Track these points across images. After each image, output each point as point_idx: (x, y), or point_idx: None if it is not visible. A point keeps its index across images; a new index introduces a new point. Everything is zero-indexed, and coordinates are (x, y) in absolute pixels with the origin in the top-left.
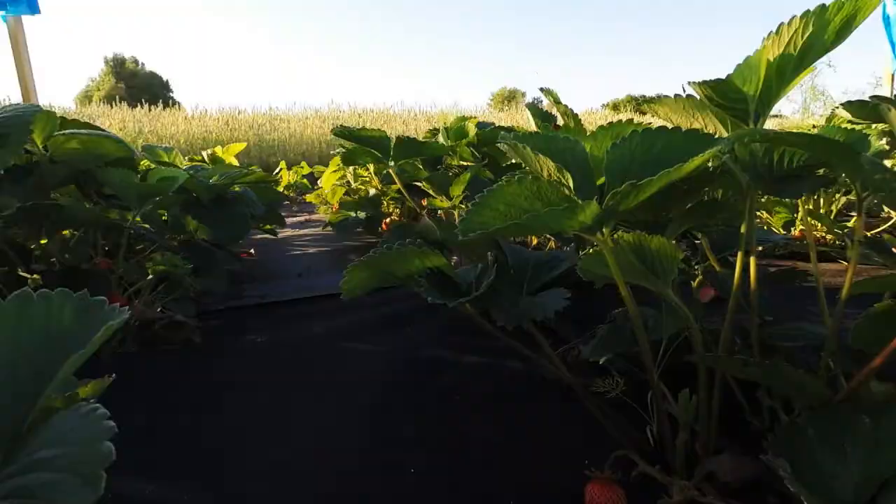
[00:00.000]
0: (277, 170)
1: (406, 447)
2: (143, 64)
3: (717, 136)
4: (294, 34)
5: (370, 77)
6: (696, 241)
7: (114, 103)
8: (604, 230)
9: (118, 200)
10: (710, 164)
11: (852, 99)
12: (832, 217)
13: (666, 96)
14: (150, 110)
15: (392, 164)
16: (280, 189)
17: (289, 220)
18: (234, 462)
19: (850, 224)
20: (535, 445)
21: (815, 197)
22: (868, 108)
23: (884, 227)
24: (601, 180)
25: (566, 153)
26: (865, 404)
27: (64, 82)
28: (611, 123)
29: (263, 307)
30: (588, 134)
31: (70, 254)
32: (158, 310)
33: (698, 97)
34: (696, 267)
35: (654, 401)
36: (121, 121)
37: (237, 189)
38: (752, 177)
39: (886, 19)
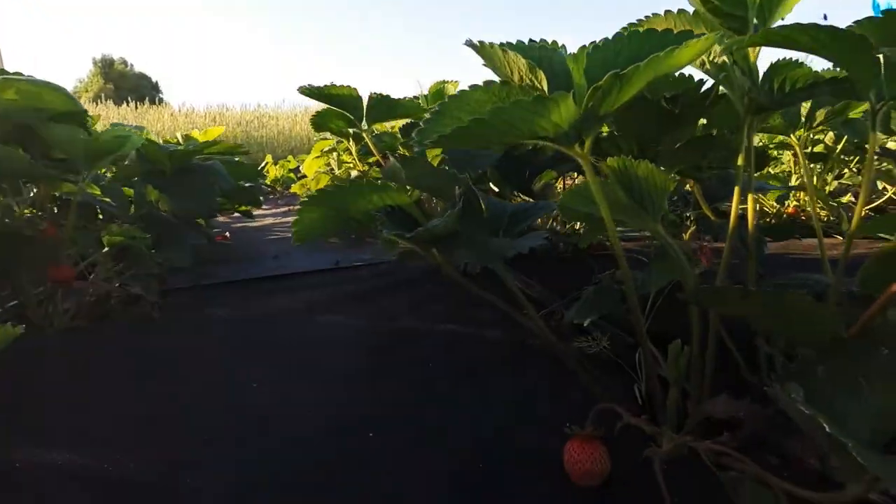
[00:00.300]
0: (263, 163)
1: (371, 413)
2: (132, 65)
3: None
4: (294, 34)
5: (370, 77)
6: (688, 195)
7: (99, 101)
8: (584, 142)
9: (68, 164)
10: (703, 88)
11: None
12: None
13: (658, 13)
14: (136, 108)
15: (365, 126)
16: (267, 183)
17: (272, 211)
18: (170, 428)
19: (843, 200)
20: (512, 410)
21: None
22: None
23: (879, 201)
24: (581, 82)
25: (541, 52)
26: (881, 337)
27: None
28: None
29: (233, 285)
30: None
31: (8, 216)
32: (117, 285)
33: (692, 11)
34: (688, 217)
35: (642, 359)
36: (105, 118)
37: (204, 161)
38: (749, 100)
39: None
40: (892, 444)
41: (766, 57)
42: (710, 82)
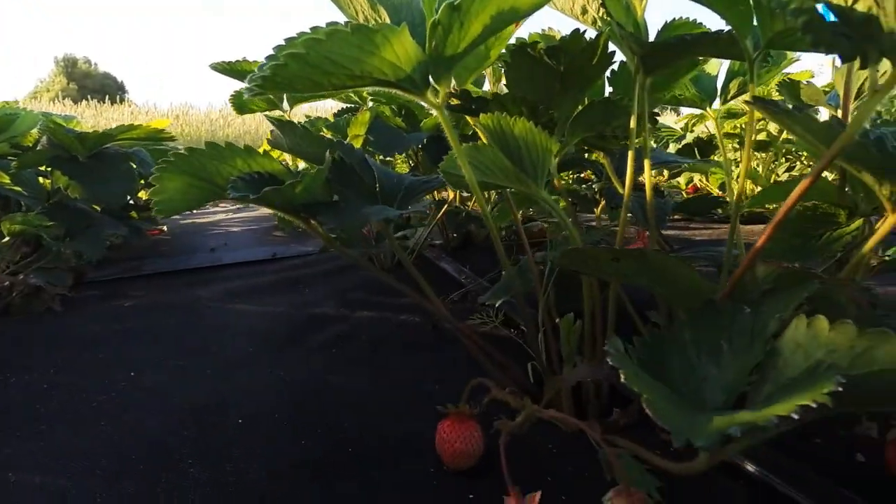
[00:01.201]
0: None
1: (246, 393)
2: (96, 64)
3: None
4: (271, 36)
5: None
6: (602, 169)
7: (57, 100)
8: (438, 89)
9: None
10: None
11: None
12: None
13: None
14: (95, 106)
15: (287, 107)
16: None
17: (226, 208)
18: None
19: None
20: (398, 389)
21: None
22: None
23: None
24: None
25: None
26: (749, 296)
27: (17, 84)
28: None
29: (156, 277)
30: None
31: None
32: (21, 277)
33: None
34: (596, 189)
35: (529, 335)
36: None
37: (128, 148)
38: (640, 52)
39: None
40: (740, 403)
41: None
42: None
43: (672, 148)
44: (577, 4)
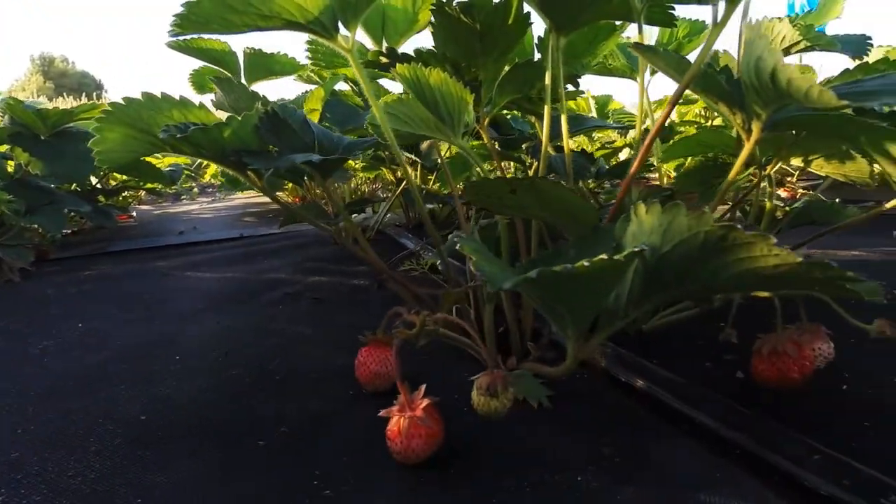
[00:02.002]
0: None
1: (189, 336)
2: (73, 63)
3: None
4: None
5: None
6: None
7: (32, 97)
8: (349, 36)
9: None
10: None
11: None
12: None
13: None
14: (72, 103)
15: (247, 85)
16: (206, 178)
17: (202, 200)
18: None
19: None
20: (342, 335)
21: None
22: None
23: None
24: None
25: None
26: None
27: None
28: None
29: (122, 254)
30: None
31: None
32: None
33: None
34: (529, 156)
35: (448, 276)
36: None
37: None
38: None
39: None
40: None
41: None
42: None
43: (633, 134)
44: None
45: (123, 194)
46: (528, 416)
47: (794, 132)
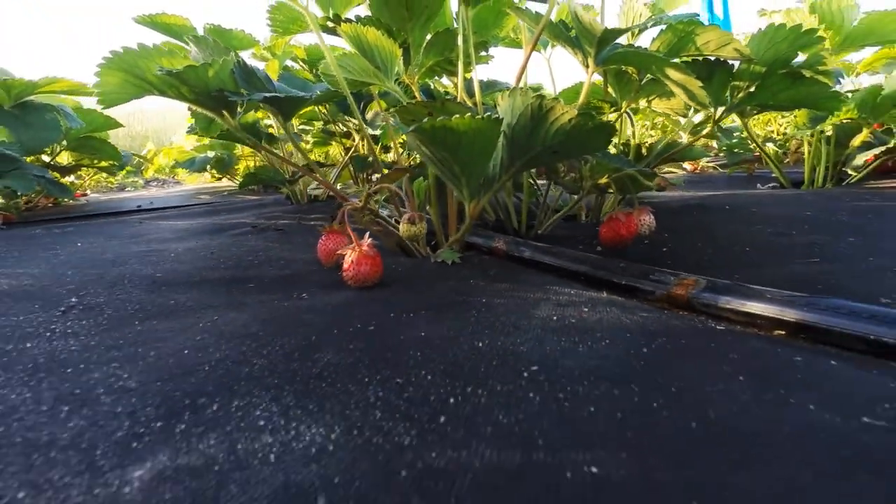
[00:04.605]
0: (145, 150)
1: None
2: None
3: None
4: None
5: None
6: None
7: None
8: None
9: None
10: None
11: None
12: None
13: None
14: None
15: None
16: (150, 172)
17: (157, 188)
18: None
19: None
20: (307, 250)
21: None
22: None
23: None
24: None
25: None
26: None
27: None
28: None
29: (87, 217)
30: None
31: None
32: None
33: None
34: None
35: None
36: None
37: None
38: None
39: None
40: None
41: None
42: None
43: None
44: None
45: (77, 173)
46: (447, 267)
47: (639, 80)
